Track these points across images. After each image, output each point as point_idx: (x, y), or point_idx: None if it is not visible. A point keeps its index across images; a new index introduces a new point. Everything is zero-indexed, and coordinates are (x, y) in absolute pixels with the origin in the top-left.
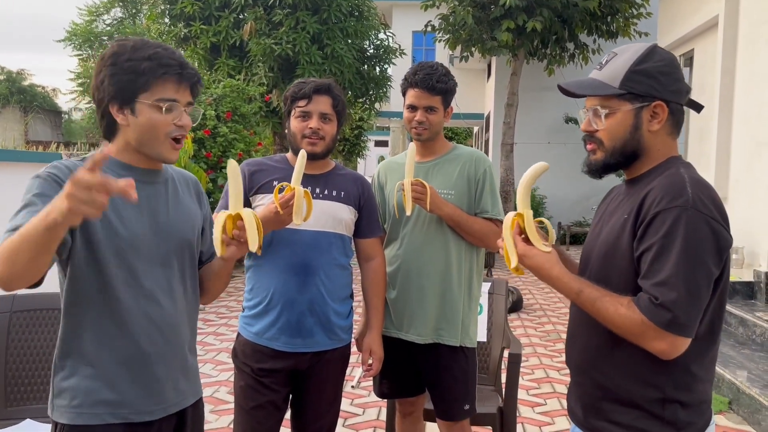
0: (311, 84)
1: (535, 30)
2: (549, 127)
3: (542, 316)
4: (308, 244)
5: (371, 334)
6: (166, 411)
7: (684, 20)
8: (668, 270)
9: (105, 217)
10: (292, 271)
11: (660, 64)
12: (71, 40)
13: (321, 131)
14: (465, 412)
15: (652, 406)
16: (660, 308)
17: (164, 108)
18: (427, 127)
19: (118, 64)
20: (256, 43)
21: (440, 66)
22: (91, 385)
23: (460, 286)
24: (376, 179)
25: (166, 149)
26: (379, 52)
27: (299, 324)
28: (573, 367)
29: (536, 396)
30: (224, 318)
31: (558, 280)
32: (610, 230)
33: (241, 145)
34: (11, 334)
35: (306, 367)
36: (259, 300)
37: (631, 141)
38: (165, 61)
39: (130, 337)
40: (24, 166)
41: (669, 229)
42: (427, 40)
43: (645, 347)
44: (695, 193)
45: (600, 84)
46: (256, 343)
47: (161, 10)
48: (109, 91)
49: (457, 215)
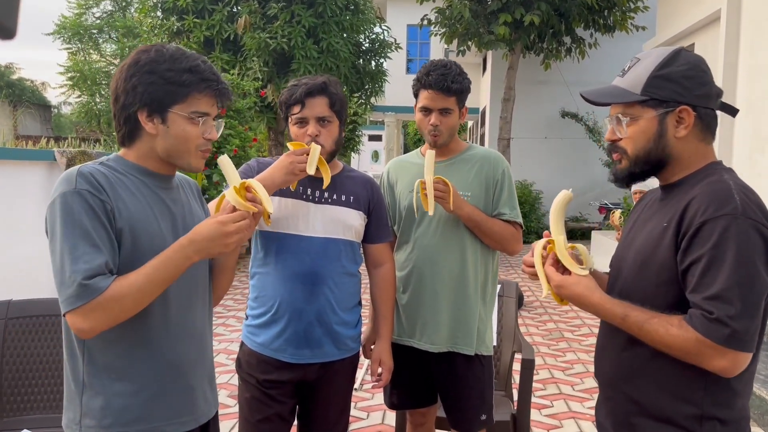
0: (302, 87)
1: (532, 24)
2: (546, 121)
3: (543, 314)
4: (316, 252)
5: (381, 343)
6: (197, 422)
7: (684, 14)
8: (722, 282)
9: (148, 226)
10: (299, 279)
11: (684, 68)
12: (60, 33)
13: (319, 137)
14: (482, 422)
15: (689, 422)
16: (716, 323)
17: (200, 122)
18: (442, 131)
19: (157, 72)
20: (251, 37)
21: (454, 65)
22: (124, 402)
23: (476, 292)
24: (386, 178)
25: (195, 159)
26: (375, 46)
27: (307, 335)
28: (603, 382)
29: (542, 398)
30: (221, 318)
31: (600, 306)
32: (646, 239)
33: (237, 141)
34: (7, 342)
35: (314, 379)
36: (264, 309)
37: (656, 149)
38: (206, 76)
39: (163, 348)
40: (14, 164)
41: (719, 239)
42: (422, 34)
43: (704, 367)
44: (743, 200)
45: (621, 91)
46: (262, 354)
47: (153, 3)
48: (143, 98)
49: (477, 215)
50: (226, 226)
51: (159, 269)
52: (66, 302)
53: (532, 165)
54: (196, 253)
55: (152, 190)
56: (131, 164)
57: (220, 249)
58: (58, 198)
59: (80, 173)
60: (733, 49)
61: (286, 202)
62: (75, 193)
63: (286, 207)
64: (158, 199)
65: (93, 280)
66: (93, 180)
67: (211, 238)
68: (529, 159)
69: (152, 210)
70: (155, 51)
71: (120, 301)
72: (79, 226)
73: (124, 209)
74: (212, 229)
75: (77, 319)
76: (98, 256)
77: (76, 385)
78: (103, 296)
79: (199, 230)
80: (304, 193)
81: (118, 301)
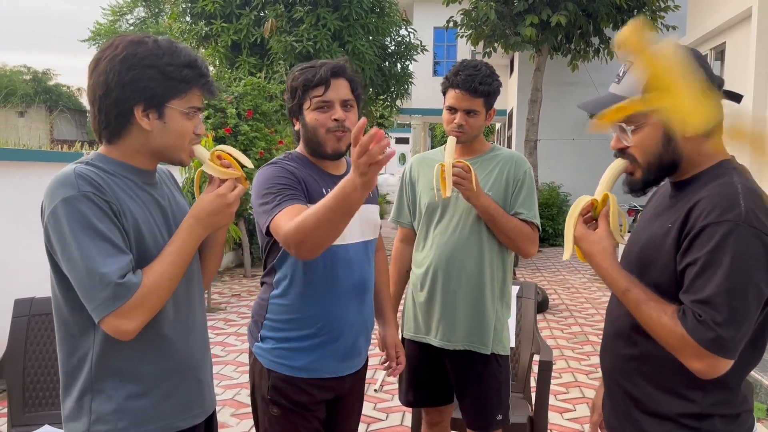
0: (325, 67)
1: (559, 24)
2: (573, 123)
3: (569, 317)
4: (361, 259)
5: (391, 329)
6: (206, 413)
7: (714, 12)
8: (713, 288)
9: (148, 225)
10: (354, 292)
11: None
12: (95, 39)
13: (346, 121)
14: (498, 422)
15: (689, 420)
16: (703, 326)
17: (194, 117)
18: (466, 130)
19: (158, 66)
20: (277, 40)
21: (484, 66)
22: (136, 404)
23: (492, 290)
24: (408, 174)
25: (185, 155)
26: (401, 48)
27: (354, 346)
28: (605, 375)
29: (565, 401)
30: (245, 318)
31: (607, 272)
32: (650, 237)
33: (262, 143)
34: (29, 338)
35: (347, 390)
36: (310, 331)
37: (666, 153)
38: (203, 71)
39: (174, 345)
40: (49, 166)
41: (717, 244)
42: (448, 36)
43: (683, 362)
44: (748, 206)
45: (619, 99)
46: (303, 378)
47: (182, 9)
48: (141, 92)
49: (494, 208)
50: (226, 198)
51: (179, 254)
52: (102, 306)
53: (559, 167)
54: (205, 229)
55: (142, 188)
56: (116, 162)
57: (227, 219)
58: (60, 204)
59: (78, 176)
60: (764, 47)
61: None
62: (80, 196)
63: None
64: (149, 197)
65: (126, 278)
66: (93, 181)
67: (216, 212)
68: (556, 161)
69: (148, 209)
70: (152, 43)
71: (157, 293)
72: (93, 228)
73: (127, 211)
74: (215, 203)
75: (119, 320)
76: (122, 255)
77: (81, 393)
78: (141, 291)
79: (202, 207)
80: None
81: (155, 293)
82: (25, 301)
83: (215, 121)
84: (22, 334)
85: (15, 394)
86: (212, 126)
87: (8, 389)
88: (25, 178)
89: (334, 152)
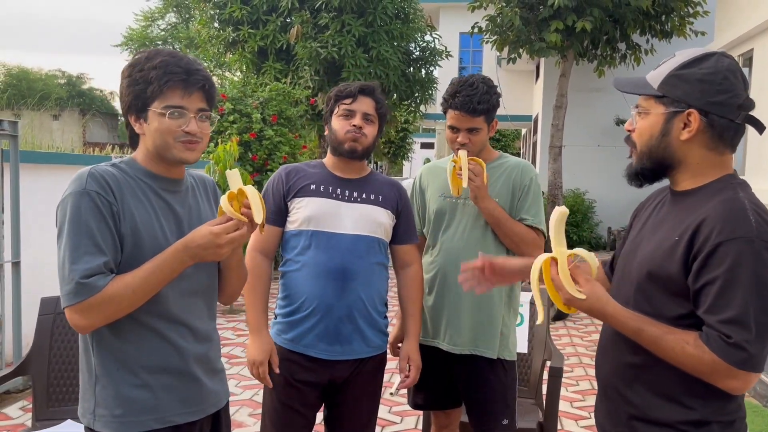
0: (356, 84)
1: (584, 30)
2: (599, 129)
3: (589, 325)
4: (347, 249)
5: (409, 341)
6: (205, 412)
7: (743, 19)
8: (737, 307)
9: (151, 229)
10: (330, 276)
11: (704, 71)
12: (128, 44)
13: (363, 129)
14: (503, 427)
15: (688, 427)
16: (734, 348)
17: (168, 114)
18: (470, 147)
19: (132, 75)
20: (303, 46)
21: (481, 83)
22: (134, 393)
23: (500, 296)
24: (417, 182)
25: (179, 151)
26: (425, 54)
27: (337, 331)
28: (602, 382)
29: (580, 409)
30: None
31: (614, 318)
32: (656, 249)
33: (287, 148)
34: (54, 335)
35: (343, 379)
36: (295, 307)
37: (657, 147)
38: (170, 69)
39: (169, 342)
40: (79, 168)
41: (734, 261)
42: (474, 41)
43: (716, 384)
44: (758, 221)
45: (644, 83)
46: (291, 350)
47: (210, 15)
48: (127, 102)
49: (499, 212)
50: (219, 238)
51: (155, 272)
52: (65, 298)
53: (584, 173)
54: (190, 258)
55: (158, 193)
56: (139, 167)
57: (213, 258)
58: (69, 197)
59: (91, 174)
60: None
61: (316, 202)
62: (84, 193)
63: (315, 206)
64: (163, 203)
65: (91, 279)
66: (102, 181)
67: (204, 247)
68: (582, 167)
69: (156, 213)
70: (135, 57)
71: (115, 301)
72: (84, 225)
73: (128, 212)
74: (206, 239)
75: (74, 315)
76: (99, 257)
77: (89, 376)
78: (100, 295)
79: (193, 237)
80: (334, 192)
81: (114, 301)
82: (51, 300)
83: (240, 126)
84: (48, 332)
85: (39, 389)
86: (237, 130)
87: (33, 385)
88: (57, 180)
89: (350, 150)
